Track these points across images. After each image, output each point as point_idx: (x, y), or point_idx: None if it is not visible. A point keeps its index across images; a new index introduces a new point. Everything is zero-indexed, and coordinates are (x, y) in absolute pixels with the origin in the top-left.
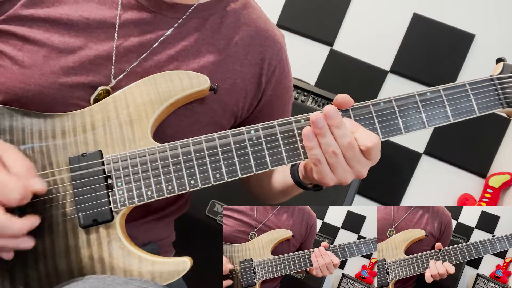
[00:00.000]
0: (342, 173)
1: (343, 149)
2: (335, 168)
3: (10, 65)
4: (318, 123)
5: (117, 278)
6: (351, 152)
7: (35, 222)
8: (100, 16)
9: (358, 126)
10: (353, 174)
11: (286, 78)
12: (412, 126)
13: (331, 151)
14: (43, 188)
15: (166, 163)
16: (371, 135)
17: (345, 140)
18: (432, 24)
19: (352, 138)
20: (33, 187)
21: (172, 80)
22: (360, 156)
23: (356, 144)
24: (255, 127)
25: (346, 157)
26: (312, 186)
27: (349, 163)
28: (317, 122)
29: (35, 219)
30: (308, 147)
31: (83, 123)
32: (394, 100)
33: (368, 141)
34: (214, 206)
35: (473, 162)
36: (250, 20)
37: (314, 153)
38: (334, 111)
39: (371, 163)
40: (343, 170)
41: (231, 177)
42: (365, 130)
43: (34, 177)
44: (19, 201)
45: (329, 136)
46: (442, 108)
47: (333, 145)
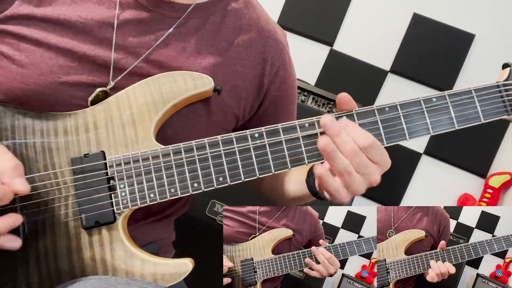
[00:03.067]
0: (355, 185)
1: (349, 156)
2: (348, 184)
3: (8, 64)
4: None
5: (119, 278)
6: (357, 160)
7: (17, 221)
8: (98, 16)
9: (352, 127)
10: (366, 183)
11: (290, 77)
12: (417, 132)
13: (342, 169)
14: (26, 189)
15: (169, 166)
16: (365, 134)
17: (348, 147)
18: (432, 24)
19: (354, 143)
20: (15, 187)
21: (175, 80)
22: (367, 162)
23: (358, 149)
24: (259, 131)
25: (355, 166)
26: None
27: (360, 172)
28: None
29: (16, 217)
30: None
31: (85, 122)
32: (399, 106)
33: (364, 140)
34: (214, 206)
35: (473, 162)
36: (251, 20)
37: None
38: (331, 121)
39: (379, 168)
40: (356, 182)
41: (234, 181)
42: (359, 130)
43: (17, 177)
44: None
45: (339, 153)
46: (447, 114)
47: (344, 162)
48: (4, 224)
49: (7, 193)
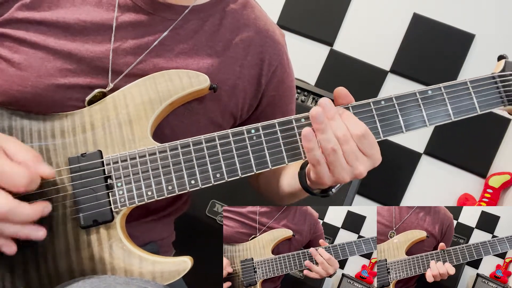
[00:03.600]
0: (340, 171)
1: (340, 142)
2: (334, 167)
3: (6, 67)
4: (318, 118)
5: (118, 277)
6: (346, 146)
7: (47, 207)
8: (97, 18)
9: (347, 115)
10: (351, 173)
11: (288, 77)
12: (413, 125)
13: (330, 147)
14: (52, 172)
15: (166, 163)
16: (359, 123)
17: (340, 132)
18: (432, 24)
19: (346, 130)
20: (41, 171)
21: (171, 79)
22: (356, 150)
23: (349, 135)
24: (255, 127)
25: (344, 151)
26: (319, 191)
27: (347, 159)
28: (317, 117)
29: (46, 204)
30: (308, 148)
31: (82, 123)
32: (394, 98)
33: (356, 129)
34: (214, 206)
35: (473, 162)
36: (250, 20)
37: (313, 154)
38: (329, 102)
39: (369, 162)
40: (341, 168)
41: (231, 177)
42: (354, 119)
43: (40, 163)
44: (26, 185)
45: (329, 131)
46: (443, 106)
47: (332, 141)
48: (35, 209)
49: (35, 178)
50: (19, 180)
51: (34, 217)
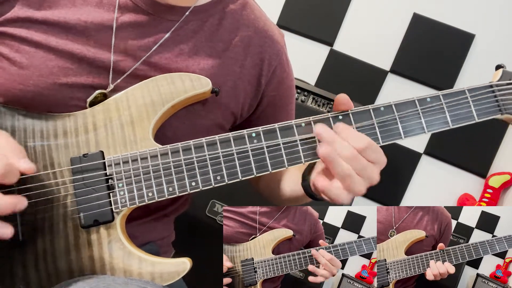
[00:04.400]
0: (358, 188)
1: (349, 161)
2: (352, 188)
3: (8, 66)
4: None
5: (117, 278)
6: (356, 163)
7: (21, 203)
8: (98, 19)
9: (346, 132)
10: (366, 183)
11: (287, 77)
12: (412, 131)
13: (344, 174)
14: (30, 167)
15: (167, 166)
16: (360, 137)
17: (347, 152)
18: (432, 24)
19: (351, 147)
20: (20, 166)
21: (174, 82)
22: (365, 164)
23: (356, 152)
24: (256, 131)
25: (356, 169)
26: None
27: (360, 174)
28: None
29: (21, 200)
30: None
31: (85, 123)
32: (394, 105)
33: (360, 143)
34: (214, 206)
35: (473, 162)
36: (249, 20)
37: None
38: (323, 129)
39: (377, 166)
40: (358, 185)
41: (231, 179)
42: (354, 133)
43: (22, 157)
44: (1, 175)
45: (339, 160)
46: (442, 114)
47: (344, 166)
48: (6, 202)
49: (14, 171)
50: None
51: (5, 209)
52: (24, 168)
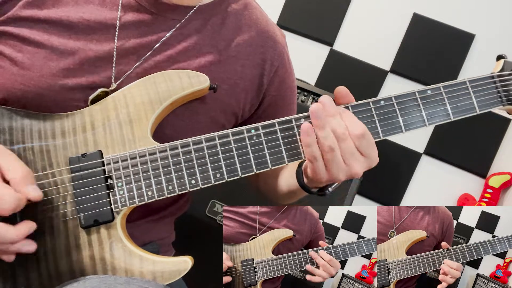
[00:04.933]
0: (336, 169)
1: (338, 139)
2: (330, 165)
3: (9, 66)
4: (317, 114)
5: (119, 278)
6: (344, 144)
7: (32, 228)
8: (101, 17)
9: (347, 115)
10: (348, 171)
11: (289, 78)
12: (413, 124)
13: (328, 145)
14: (39, 195)
15: (167, 163)
16: (358, 123)
17: (339, 130)
18: (432, 24)
19: (345, 128)
20: (29, 195)
21: (171, 79)
22: (354, 149)
23: (348, 134)
24: (255, 127)
25: (342, 150)
26: (317, 190)
27: (344, 157)
28: (316, 112)
29: (31, 224)
30: (306, 143)
31: (82, 123)
32: (394, 98)
33: (356, 129)
34: (214, 206)
35: (473, 162)
36: (251, 20)
37: (311, 150)
38: (329, 100)
39: (366, 162)
40: (337, 166)
41: (231, 177)
42: (353, 118)
43: (30, 184)
44: (12, 211)
45: (328, 128)
46: (443, 106)
47: (330, 138)
48: (20, 232)
49: (21, 200)
50: (7, 207)
51: (20, 238)
52: (33, 197)
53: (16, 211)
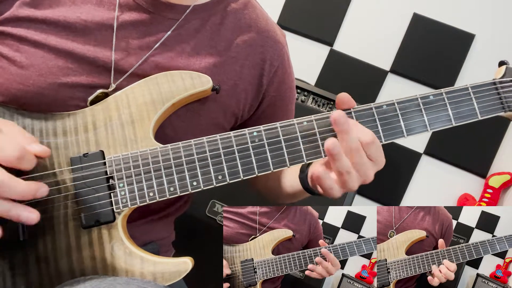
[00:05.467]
0: (351, 186)
1: (352, 154)
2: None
3: (7, 66)
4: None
5: (119, 278)
6: (358, 157)
7: (43, 189)
8: (98, 17)
9: (354, 124)
10: (361, 180)
11: (288, 78)
12: (414, 129)
13: (346, 170)
14: (45, 150)
15: (168, 165)
16: (367, 132)
17: (354, 145)
18: (432, 24)
19: (358, 140)
20: (33, 149)
21: (174, 80)
22: (366, 159)
23: (361, 147)
24: (258, 129)
25: (354, 163)
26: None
27: (360, 171)
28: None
29: (43, 185)
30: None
31: (84, 122)
32: (396, 103)
33: (365, 137)
34: (214, 206)
35: (473, 162)
36: (251, 20)
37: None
38: (343, 117)
39: (375, 166)
40: (352, 180)
41: (233, 179)
42: (360, 127)
43: (33, 142)
44: (17, 159)
45: (344, 157)
46: (444, 111)
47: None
48: (29, 187)
49: (29, 156)
50: (10, 153)
51: (27, 194)
52: (38, 151)
53: (23, 164)
